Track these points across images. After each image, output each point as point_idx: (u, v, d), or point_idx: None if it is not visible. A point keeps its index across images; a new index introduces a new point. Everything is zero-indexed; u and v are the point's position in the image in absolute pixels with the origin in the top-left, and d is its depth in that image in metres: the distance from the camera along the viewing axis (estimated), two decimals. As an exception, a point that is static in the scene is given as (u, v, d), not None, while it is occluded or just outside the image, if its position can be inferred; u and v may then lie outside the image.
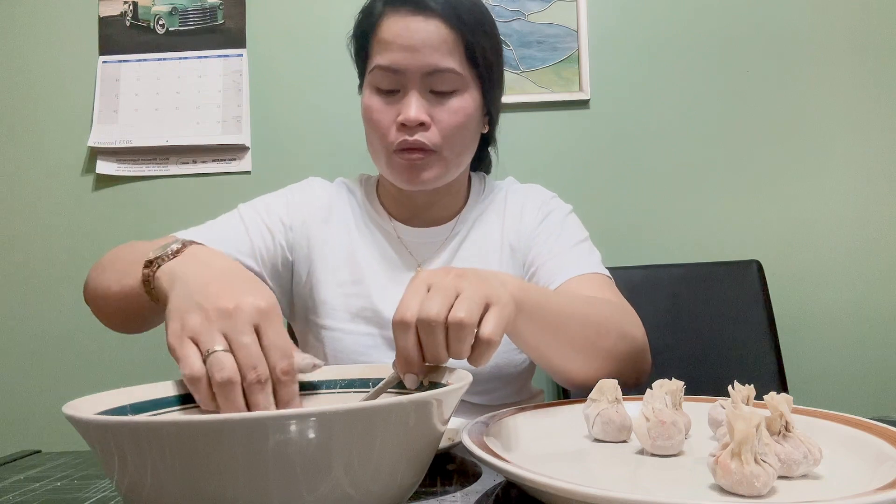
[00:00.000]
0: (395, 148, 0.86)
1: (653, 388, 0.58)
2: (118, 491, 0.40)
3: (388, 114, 0.86)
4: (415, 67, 0.84)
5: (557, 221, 0.98)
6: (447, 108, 0.86)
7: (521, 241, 0.97)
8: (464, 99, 0.87)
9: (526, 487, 0.46)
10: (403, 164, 0.87)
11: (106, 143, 1.66)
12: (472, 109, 0.88)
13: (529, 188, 1.04)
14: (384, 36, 0.85)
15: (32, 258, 1.67)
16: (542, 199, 1.01)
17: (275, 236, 0.93)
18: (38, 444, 0.96)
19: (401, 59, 0.84)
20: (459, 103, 0.86)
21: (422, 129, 0.85)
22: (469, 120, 0.88)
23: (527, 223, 0.98)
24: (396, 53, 0.84)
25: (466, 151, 0.92)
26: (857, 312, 1.59)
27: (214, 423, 0.35)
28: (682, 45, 1.64)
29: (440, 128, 0.86)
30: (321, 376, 0.60)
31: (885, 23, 1.62)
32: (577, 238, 0.96)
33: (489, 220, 0.99)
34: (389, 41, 0.84)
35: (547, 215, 0.98)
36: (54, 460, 0.72)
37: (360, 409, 0.38)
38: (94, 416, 0.39)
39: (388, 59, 0.84)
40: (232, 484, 0.36)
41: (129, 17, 1.70)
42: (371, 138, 0.90)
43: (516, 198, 1.01)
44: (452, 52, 0.84)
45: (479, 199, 1.02)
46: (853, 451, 0.51)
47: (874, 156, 1.61)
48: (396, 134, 0.86)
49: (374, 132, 0.89)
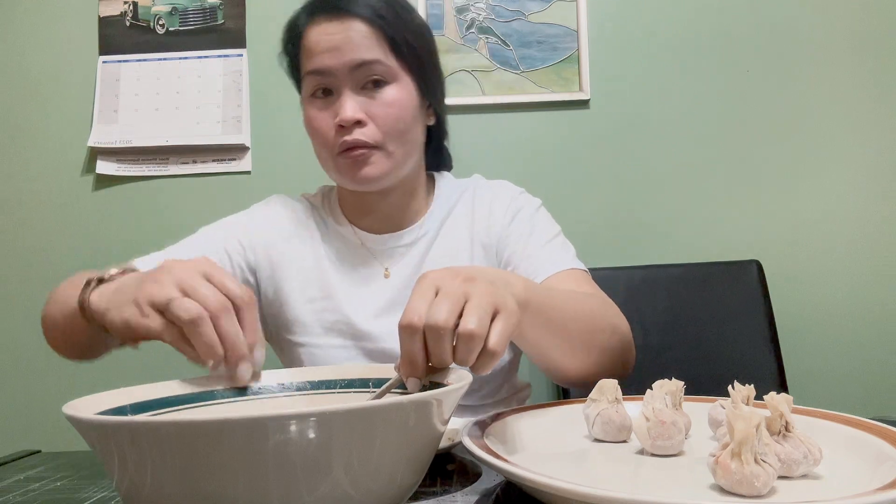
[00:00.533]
0: (338, 150, 0.87)
1: (653, 389, 0.58)
2: (118, 491, 0.40)
3: (326, 119, 0.88)
4: (341, 65, 0.85)
5: (527, 218, 0.97)
6: (381, 102, 0.87)
7: (492, 239, 0.96)
8: (397, 89, 0.87)
9: (526, 487, 0.46)
10: (348, 163, 0.87)
11: (106, 143, 1.66)
12: (407, 100, 0.89)
13: (497, 185, 1.03)
14: (309, 44, 0.88)
15: (32, 258, 1.67)
16: (510, 195, 1.00)
17: (232, 258, 0.95)
18: (38, 444, 0.96)
19: (326, 60, 0.86)
20: (393, 95, 0.87)
21: (359, 126, 0.86)
22: (405, 111, 0.88)
23: (497, 221, 0.97)
24: (321, 56, 0.86)
25: (411, 144, 0.91)
26: (857, 312, 1.59)
27: (214, 424, 0.35)
28: (682, 45, 1.64)
29: (378, 123, 0.87)
30: (321, 376, 0.60)
31: (886, 23, 1.62)
32: (549, 234, 0.96)
33: (458, 219, 0.99)
34: (314, 47, 0.87)
35: (517, 212, 0.97)
36: (54, 460, 0.72)
37: (360, 409, 0.38)
38: (94, 416, 0.39)
39: (315, 64, 0.87)
40: (232, 484, 0.36)
41: (129, 17, 1.70)
42: (316, 148, 0.91)
43: (484, 195, 1.00)
44: (376, 46, 0.86)
45: (445, 198, 1.01)
46: (853, 451, 0.51)
47: (874, 155, 1.61)
48: (336, 136, 0.87)
49: (317, 140, 0.90)
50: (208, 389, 0.55)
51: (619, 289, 1.43)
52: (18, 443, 1.53)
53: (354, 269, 0.95)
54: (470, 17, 1.65)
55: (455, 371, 0.54)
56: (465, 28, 1.65)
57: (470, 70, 1.64)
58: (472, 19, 1.65)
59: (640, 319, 1.41)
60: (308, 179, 1.68)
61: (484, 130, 1.64)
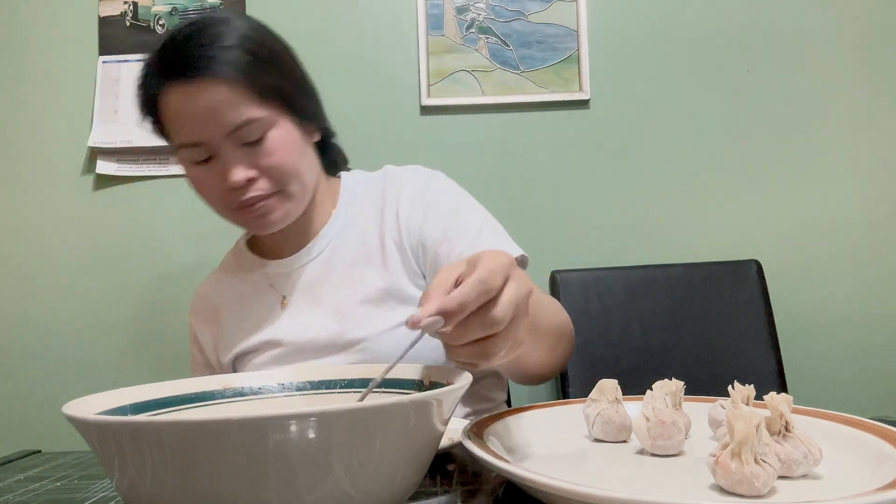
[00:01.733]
0: (236, 206, 0.84)
1: (653, 389, 0.58)
2: (118, 491, 0.40)
3: (213, 181, 0.84)
4: (213, 133, 0.80)
5: (447, 206, 0.90)
6: (264, 153, 0.82)
7: (408, 235, 0.90)
8: (276, 135, 0.83)
9: (526, 487, 0.46)
10: (252, 217, 0.85)
11: (106, 143, 1.66)
12: (290, 141, 0.85)
13: (406, 173, 0.96)
14: (170, 112, 0.82)
15: (32, 258, 1.67)
16: (420, 183, 0.93)
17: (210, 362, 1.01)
18: (38, 444, 0.96)
19: (198, 132, 0.81)
20: (274, 142, 0.82)
21: (251, 183, 0.83)
22: (291, 152, 0.84)
23: (407, 213, 0.90)
24: (190, 127, 0.81)
25: (306, 176, 0.88)
26: (857, 312, 1.59)
27: (214, 424, 0.35)
28: (682, 45, 1.64)
29: (268, 173, 0.83)
30: (321, 376, 0.60)
31: (886, 23, 1.62)
32: (477, 218, 0.89)
33: (363, 217, 0.94)
34: (177, 117, 0.81)
35: (431, 202, 0.90)
36: (54, 460, 0.72)
37: (360, 409, 0.38)
38: (95, 416, 0.39)
39: (185, 136, 0.82)
40: (232, 484, 0.36)
41: (129, 17, 1.70)
42: (210, 204, 0.88)
43: (392, 186, 0.94)
44: (242, 104, 0.80)
45: (350, 200, 0.97)
46: (853, 451, 0.51)
47: (874, 155, 1.61)
48: (230, 196, 0.84)
49: (210, 199, 0.88)
50: (208, 390, 0.56)
51: (619, 289, 1.43)
52: (18, 443, 1.53)
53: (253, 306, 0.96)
54: (470, 17, 1.65)
55: (455, 371, 0.54)
56: (465, 28, 1.65)
57: (470, 70, 1.64)
58: (472, 19, 1.65)
59: (640, 319, 1.41)
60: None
61: (484, 130, 1.64)
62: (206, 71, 0.79)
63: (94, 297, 1.66)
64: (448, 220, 0.88)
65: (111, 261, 1.67)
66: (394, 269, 0.89)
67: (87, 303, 1.66)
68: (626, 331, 1.39)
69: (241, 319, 0.97)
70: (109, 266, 1.66)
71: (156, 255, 1.66)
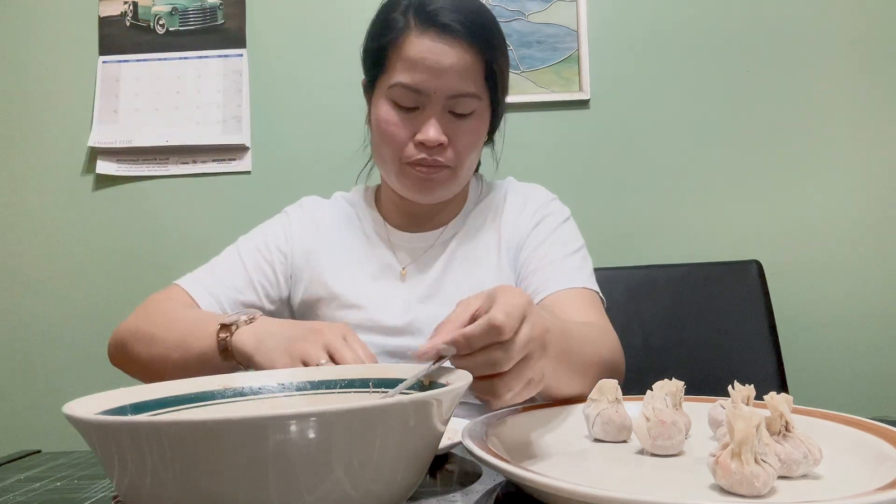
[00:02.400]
0: (412, 161, 0.87)
1: (653, 389, 0.58)
2: (118, 491, 0.40)
3: (405, 129, 0.87)
4: (439, 91, 0.85)
5: (553, 226, 0.97)
6: (465, 129, 0.87)
7: (514, 241, 0.96)
8: (480, 119, 0.89)
9: (526, 487, 0.46)
10: (418, 176, 0.88)
11: (106, 143, 1.66)
12: (484, 129, 0.91)
13: (530, 189, 1.03)
14: (409, 55, 0.85)
15: (32, 258, 1.67)
16: (541, 200, 1.00)
17: (275, 269, 0.97)
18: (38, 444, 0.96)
19: (426, 81, 0.84)
20: (476, 125, 0.88)
21: (440, 149, 0.86)
22: (482, 138, 0.91)
23: (522, 224, 0.97)
24: (422, 74, 0.84)
25: (474, 166, 0.95)
26: (857, 312, 1.59)
27: (214, 424, 0.35)
28: (682, 45, 1.64)
29: (457, 148, 0.87)
30: (321, 376, 0.60)
31: (886, 22, 1.62)
32: (571, 247, 0.96)
33: (486, 221, 0.99)
34: (415, 61, 0.84)
35: (544, 218, 0.98)
36: (54, 460, 0.72)
37: (360, 409, 0.37)
38: (95, 416, 0.39)
39: (412, 79, 0.85)
40: (232, 484, 0.36)
41: (129, 17, 1.70)
42: (382, 150, 0.90)
43: (516, 198, 1.00)
44: (475, 77, 0.86)
45: (476, 200, 1.02)
46: (853, 451, 0.51)
47: (874, 155, 1.61)
48: (413, 150, 0.87)
49: (387, 145, 0.89)
50: (208, 390, 0.55)
51: (619, 289, 1.43)
52: (18, 443, 1.53)
53: (376, 266, 0.96)
54: (470, 17, 1.65)
55: (455, 371, 0.54)
56: (465, 28, 1.65)
57: (470, 70, 1.64)
58: (472, 19, 1.65)
59: (640, 319, 1.41)
60: (308, 179, 1.69)
61: (484, 130, 1.64)
62: (464, 31, 0.83)
63: (94, 296, 1.66)
64: (550, 233, 0.95)
65: (111, 261, 1.67)
66: (505, 268, 0.95)
67: (87, 303, 1.66)
68: (626, 331, 1.38)
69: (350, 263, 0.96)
70: (109, 266, 1.66)
71: (155, 254, 1.66)
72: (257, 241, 0.98)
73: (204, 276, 0.94)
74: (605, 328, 0.85)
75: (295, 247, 0.98)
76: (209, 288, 0.92)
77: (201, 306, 0.91)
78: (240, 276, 0.94)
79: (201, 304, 0.91)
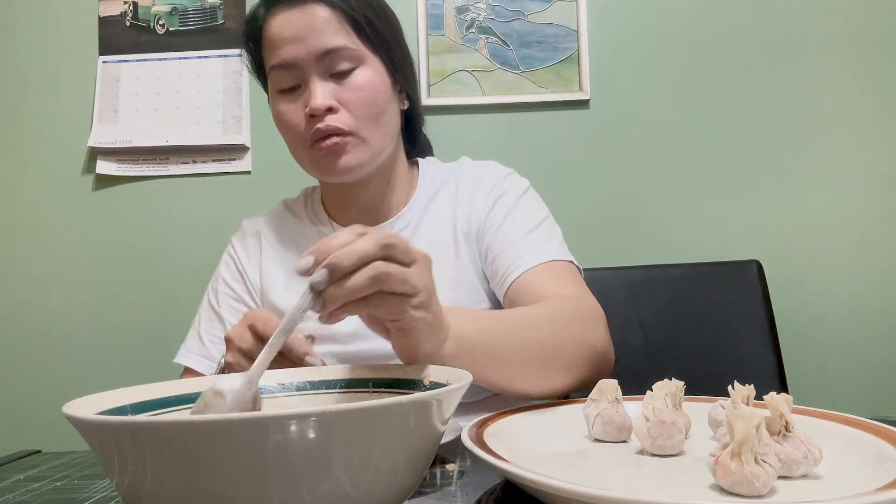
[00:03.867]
0: (311, 141, 0.85)
1: (653, 389, 0.58)
2: (118, 491, 0.40)
3: (296, 111, 0.86)
4: (306, 54, 0.83)
5: (511, 202, 0.92)
6: (350, 87, 0.84)
7: (473, 226, 0.91)
8: (365, 73, 0.85)
9: (526, 487, 0.46)
10: (322, 154, 0.85)
11: (106, 143, 1.66)
12: (378, 83, 0.86)
13: (483, 167, 0.98)
14: (270, 36, 0.85)
15: (32, 258, 1.67)
16: (495, 178, 0.95)
17: (246, 302, 0.96)
18: (38, 444, 0.96)
19: (291, 51, 0.83)
20: (362, 78, 0.85)
21: (331, 113, 0.84)
22: (377, 94, 0.86)
23: (478, 207, 0.92)
24: (285, 47, 0.84)
25: (386, 129, 0.88)
26: (857, 312, 1.59)
27: (215, 423, 0.35)
28: (682, 45, 1.64)
29: (349, 108, 0.84)
30: (321, 376, 0.60)
31: (886, 22, 1.62)
32: (534, 220, 0.90)
33: (441, 207, 0.94)
34: (276, 39, 0.84)
35: (500, 196, 0.92)
36: (54, 460, 0.72)
37: (360, 409, 0.38)
38: (95, 416, 0.38)
39: (279, 56, 0.84)
40: (232, 483, 0.36)
41: (129, 17, 1.70)
42: (288, 142, 0.90)
43: (469, 179, 0.95)
44: (340, 31, 0.84)
45: (429, 186, 0.97)
46: (853, 451, 0.51)
47: (874, 155, 1.61)
48: (308, 127, 0.85)
49: (288, 135, 0.88)
50: None
51: (619, 289, 1.43)
52: (18, 443, 1.53)
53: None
54: (470, 17, 1.65)
55: (456, 371, 0.54)
56: (465, 28, 1.65)
57: (470, 70, 1.64)
58: (472, 19, 1.65)
59: (640, 319, 1.41)
60: (308, 179, 1.68)
61: (484, 130, 1.64)
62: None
63: (94, 296, 1.66)
64: (509, 212, 0.90)
65: (111, 261, 1.67)
66: (465, 259, 0.91)
67: (86, 302, 1.66)
68: (626, 331, 1.39)
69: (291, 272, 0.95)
70: (109, 266, 1.67)
71: (155, 254, 1.66)
72: (220, 285, 0.98)
73: (192, 343, 0.95)
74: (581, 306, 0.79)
75: (248, 274, 0.97)
76: (201, 353, 0.93)
77: (202, 372, 0.91)
78: (220, 328, 0.94)
79: (201, 371, 0.92)
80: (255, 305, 0.96)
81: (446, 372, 0.55)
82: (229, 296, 0.96)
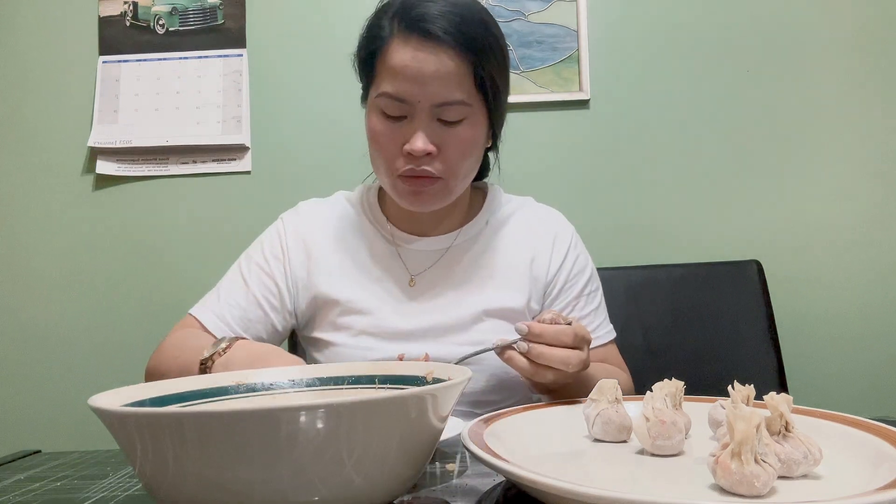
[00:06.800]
0: (400, 174, 0.86)
1: (653, 389, 0.58)
2: (140, 478, 0.43)
3: (393, 140, 0.85)
4: (423, 99, 0.82)
5: (581, 268, 1.00)
6: (455, 137, 0.85)
7: (549, 277, 0.98)
8: (472, 127, 0.86)
9: (526, 487, 0.46)
10: (408, 189, 0.87)
11: (106, 143, 1.66)
12: (479, 138, 0.88)
13: (555, 222, 1.03)
14: (392, 63, 0.83)
15: (32, 258, 1.67)
16: (569, 236, 1.02)
17: (276, 280, 0.96)
18: (38, 444, 0.96)
19: (409, 90, 0.82)
20: (467, 132, 0.85)
21: (428, 158, 0.84)
22: (475, 148, 0.88)
23: (556, 263, 0.98)
24: (404, 84, 0.82)
25: (471, 174, 0.92)
26: (857, 312, 1.59)
27: (232, 414, 0.38)
28: (682, 45, 1.64)
29: (446, 156, 0.85)
30: (330, 373, 0.63)
31: (886, 22, 1.62)
32: (598, 293, 1.02)
33: (512, 237, 0.98)
34: (397, 70, 0.82)
35: (576, 259, 1.00)
36: (54, 460, 0.72)
37: (363, 401, 0.40)
38: (121, 407, 0.42)
39: (395, 88, 0.83)
40: (247, 470, 0.39)
41: (129, 17, 1.70)
42: (376, 160, 0.90)
43: (545, 230, 1.00)
44: (462, 83, 0.82)
45: (492, 210, 1.00)
46: (853, 451, 0.51)
47: (874, 156, 1.61)
48: (402, 161, 0.85)
49: (379, 156, 0.88)
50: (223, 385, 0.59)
51: (620, 289, 1.43)
52: (18, 443, 1.53)
53: (382, 271, 0.95)
54: (470, 17, 1.65)
55: (455, 367, 0.55)
56: (465, 28, 1.65)
57: (470, 70, 1.64)
58: (472, 19, 1.65)
59: (640, 319, 1.41)
60: (308, 179, 1.69)
61: (484, 130, 1.64)
62: (447, 38, 0.80)
63: (94, 296, 1.66)
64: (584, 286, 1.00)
65: (111, 261, 1.67)
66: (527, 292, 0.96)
67: (86, 303, 1.66)
68: (626, 331, 1.39)
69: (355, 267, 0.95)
70: (109, 266, 1.67)
71: (155, 254, 1.66)
72: (256, 254, 0.98)
73: (211, 299, 0.95)
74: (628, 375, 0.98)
75: (292, 254, 0.97)
76: (215, 311, 0.93)
77: (209, 329, 0.91)
78: (242, 294, 0.94)
79: (209, 327, 0.91)
80: (284, 284, 0.96)
81: (448, 369, 0.56)
82: (262, 268, 0.96)
